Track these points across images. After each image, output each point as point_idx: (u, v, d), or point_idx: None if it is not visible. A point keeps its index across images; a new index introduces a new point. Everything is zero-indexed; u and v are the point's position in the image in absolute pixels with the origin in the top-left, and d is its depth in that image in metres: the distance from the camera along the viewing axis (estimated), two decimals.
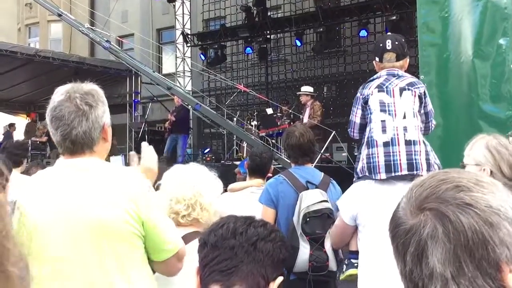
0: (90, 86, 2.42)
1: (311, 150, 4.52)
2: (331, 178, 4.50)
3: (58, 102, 2.34)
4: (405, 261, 1.10)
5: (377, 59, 3.94)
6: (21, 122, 21.01)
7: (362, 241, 3.68)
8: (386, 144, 3.58)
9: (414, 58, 5.82)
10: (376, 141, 3.60)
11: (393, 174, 3.52)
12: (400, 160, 3.56)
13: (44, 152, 17.22)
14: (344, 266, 3.95)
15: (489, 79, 5.32)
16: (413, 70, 5.79)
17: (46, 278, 2.23)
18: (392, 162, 3.55)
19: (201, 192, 2.91)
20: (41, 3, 14.30)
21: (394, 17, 15.16)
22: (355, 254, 3.79)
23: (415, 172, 3.53)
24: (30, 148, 17.24)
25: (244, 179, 5.17)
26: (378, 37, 4.53)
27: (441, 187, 1.11)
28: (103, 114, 2.39)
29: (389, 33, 4.12)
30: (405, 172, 3.53)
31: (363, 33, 16.25)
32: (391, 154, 3.56)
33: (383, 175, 3.55)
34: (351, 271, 3.83)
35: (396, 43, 3.90)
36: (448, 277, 1.04)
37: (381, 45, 3.96)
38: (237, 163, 10.62)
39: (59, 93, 2.37)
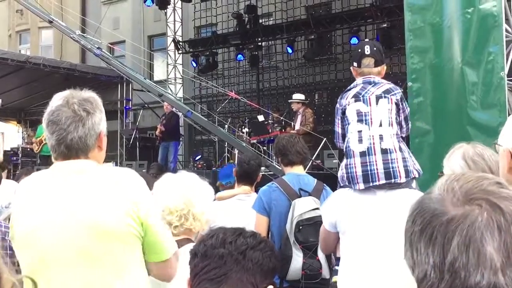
0: (88, 94, 2.43)
1: (303, 150, 4.53)
2: (324, 184, 4.50)
3: (56, 107, 2.34)
4: (445, 251, 1.09)
5: (355, 64, 3.93)
6: (11, 129, 20.91)
7: (342, 248, 3.66)
8: (362, 154, 3.56)
9: (405, 66, 5.84)
10: (353, 151, 3.58)
11: (371, 184, 3.50)
12: (377, 169, 3.52)
13: (34, 159, 17.14)
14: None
15: (478, 86, 5.34)
16: (404, 77, 5.81)
17: (44, 281, 2.24)
18: (369, 172, 3.52)
19: (193, 202, 2.90)
20: (32, 10, 14.26)
21: (385, 25, 15.24)
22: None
23: (392, 180, 3.52)
24: (20, 154, 17.21)
25: (230, 188, 5.15)
26: (355, 44, 4.56)
27: (484, 182, 1.14)
28: (100, 122, 2.39)
29: (367, 40, 4.15)
30: (382, 181, 3.50)
31: (354, 40, 16.29)
32: (368, 164, 3.53)
33: (361, 185, 3.52)
34: (334, 278, 3.82)
35: (375, 49, 3.91)
36: (497, 267, 1.06)
37: (359, 50, 3.95)
38: None
39: (57, 99, 2.37)
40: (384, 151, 3.57)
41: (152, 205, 2.41)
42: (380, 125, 3.63)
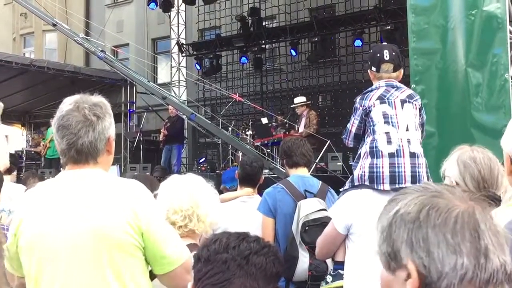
0: (98, 98, 2.45)
1: (308, 153, 4.53)
2: (329, 187, 4.50)
3: (66, 112, 2.35)
4: (475, 236, 1.15)
5: (373, 68, 3.93)
6: (15, 132, 20.95)
7: (352, 251, 3.63)
8: (391, 155, 3.58)
9: (408, 68, 5.84)
10: (382, 151, 3.59)
11: (396, 186, 3.50)
12: (404, 172, 3.56)
13: (39, 162, 17.18)
14: (330, 277, 3.90)
15: (483, 88, 5.33)
16: (407, 79, 5.79)
17: (47, 285, 2.25)
18: (397, 174, 3.55)
19: (198, 203, 2.90)
20: (36, 13, 14.28)
21: (389, 27, 15.25)
22: (342, 264, 3.73)
23: (417, 184, 3.52)
24: (24, 157, 17.25)
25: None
26: (373, 46, 4.62)
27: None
28: (109, 126, 2.41)
29: (385, 43, 4.17)
30: (408, 184, 3.51)
31: (358, 42, 16.32)
32: (396, 165, 3.56)
33: (387, 186, 3.53)
34: (340, 283, 3.77)
35: (393, 53, 3.91)
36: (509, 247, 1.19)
37: (378, 55, 3.94)
38: None
39: (67, 103, 2.38)
40: (412, 155, 3.60)
41: (156, 216, 2.39)
42: (407, 129, 3.67)
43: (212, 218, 2.97)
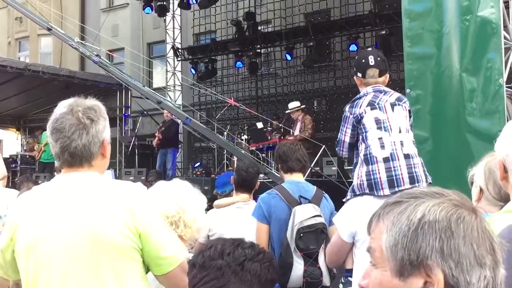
0: (92, 102, 2.44)
1: (304, 158, 4.52)
2: (324, 192, 4.48)
3: (60, 115, 2.35)
4: (491, 247, 1.18)
5: (359, 75, 3.93)
6: (10, 136, 20.90)
7: (359, 258, 3.62)
8: (386, 160, 3.59)
9: (403, 72, 5.85)
10: (376, 157, 3.60)
11: (396, 189, 3.50)
12: (401, 174, 3.56)
13: (33, 166, 17.12)
14: (341, 285, 3.92)
15: (477, 93, 5.34)
16: (402, 84, 5.81)
17: None
18: (394, 177, 3.56)
19: (185, 209, 2.88)
20: (31, 17, 14.27)
21: (384, 32, 15.27)
22: (352, 272, 3.73)
23: (416, 184, 3.54)
24: (19, 162, 17.19)
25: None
26: (358, 53, 4.67)
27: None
28: (103, 130, 2.40)
29: (369, 49, 4.19)
30: (407, 186, 3.52)
31: (353, 47, 16.32)
32: (392, 169, 3.57)
33: (387, 191, 3.53)
34: None
35: (378, 59, 3.91)
36: None
37: (363, 61, 3.95)
38: None
39: (62, 106, 2.38)
40: (407, 156, 3.61)
41: (154, 216, 2.38)
42: (400, 131, 3.69)
43: (199, 223, 2.96)
